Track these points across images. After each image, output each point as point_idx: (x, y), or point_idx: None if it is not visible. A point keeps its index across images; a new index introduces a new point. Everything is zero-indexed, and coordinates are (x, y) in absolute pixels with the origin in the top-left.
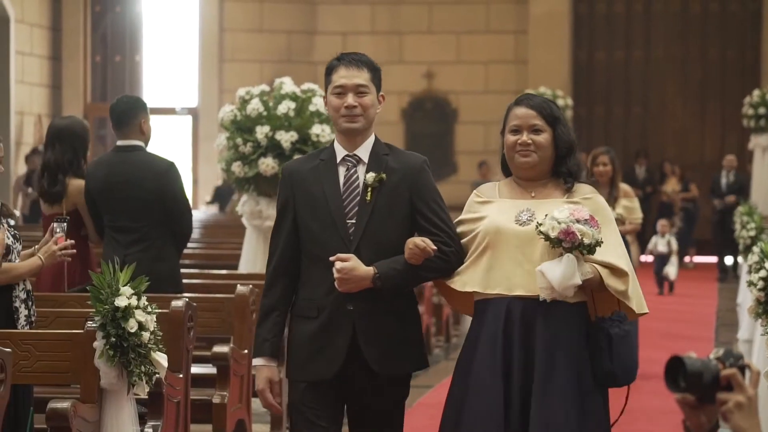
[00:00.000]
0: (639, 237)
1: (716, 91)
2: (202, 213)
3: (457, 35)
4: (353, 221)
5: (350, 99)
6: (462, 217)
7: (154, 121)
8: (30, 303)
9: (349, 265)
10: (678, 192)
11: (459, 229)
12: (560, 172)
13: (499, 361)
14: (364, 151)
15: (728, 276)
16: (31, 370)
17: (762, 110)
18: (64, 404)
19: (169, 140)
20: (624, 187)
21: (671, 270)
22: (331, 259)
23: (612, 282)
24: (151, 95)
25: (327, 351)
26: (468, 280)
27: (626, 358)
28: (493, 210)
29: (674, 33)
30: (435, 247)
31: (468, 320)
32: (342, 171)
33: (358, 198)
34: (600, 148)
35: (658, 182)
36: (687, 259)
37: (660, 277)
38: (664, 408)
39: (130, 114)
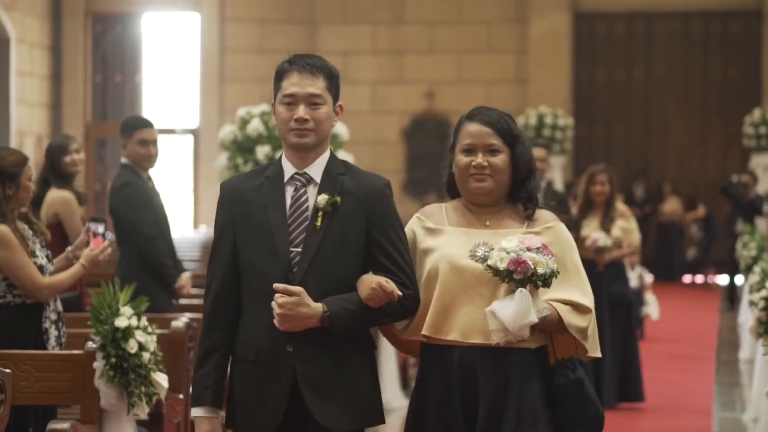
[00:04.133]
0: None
1: (717, 111)
2: (202, 234)
3: (458, 55)
4: (299, 250)
5: (301, 111)
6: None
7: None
8: (60, 324)
9: (293, 299)
10: (682, 212)
11: None
12: (519, 197)
13: (457, 419)
14: (316, 170)
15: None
16: (31, 391)
17: (763, 129)
18: (64, 425)
19: (169, 160)
20: (621, 207)
21: (652, 310)
22: (277, 287)
23: (572, 319)
24: (151, 115)
25: (268, 401)
26: (416, 324)
27: (584, 408)
28: (443, 241)
29: (675, 52)
30: (400, 293)
31: None
32: (289, 191)
33: (307, 223)
34: (597, 166)
35: (656, 202)
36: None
37: (637, 319)
38: (665, 427)
39: (127, 126)
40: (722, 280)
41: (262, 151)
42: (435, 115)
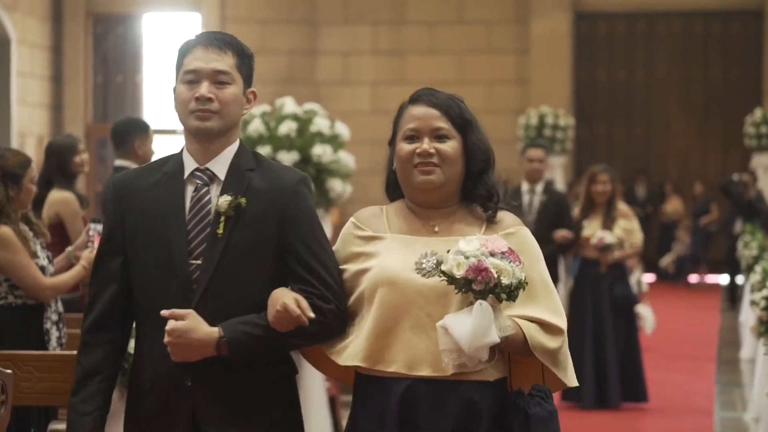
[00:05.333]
0: (642, 256)
1: (718, 111)
2: None
3: (459, 55)
4: (199, 262)
5: (204, 88)
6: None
7: (156, 142)
8: (61, 325)
9: (182, 325)
10: (682, 212)
11: None
12: (475, 194)
13: None
14: (220, 165)
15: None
16: (32, 392)
17: (764, 129)
18: (65, 426)
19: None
20: (622, 207)
21: (647, 324)
22: (164, 313)
23: (541, 340)
24: (152, 116)
25: None
26: (352, 351)
27: None
28: (383, 251)
29: (676, 53)
30: (312, 315)
31: None
32: (189, 190)
33: (208, 230)
34: (599, 166)
35: (658, 202)
36: (693, 279)
37: None
38: (667, 427)
39: (125, 136)
40: (723, 279)
41: (263, 152)
42: None
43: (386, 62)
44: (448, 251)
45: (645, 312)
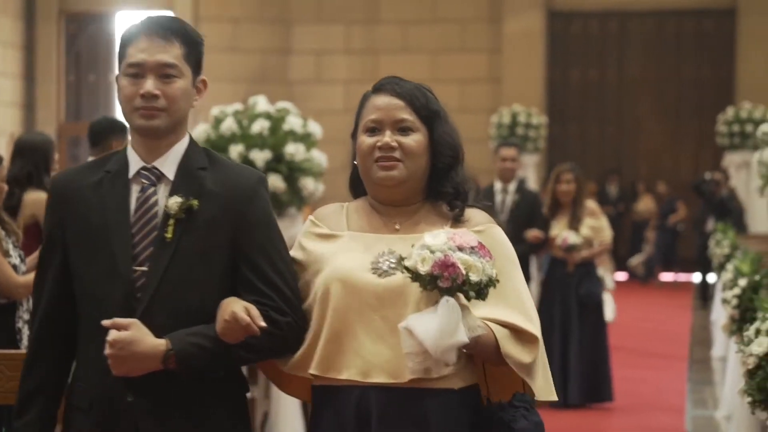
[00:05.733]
0: (613, 254)
1: (690, 110)
2: None
3: (432, 54)
4: (144, 269)
5: (149, 84)
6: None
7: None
8: None
9: (126, 336)
10: (653, 211)
11: None
12: (442, 192)
13: None
14: (169, 164)
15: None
16: (3, 390)
17: (736, 128)
18: None
19: None
20: (590, 205)
21: (608, 312)
22: (105, 323)
23: (511, 349)
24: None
25: None
26: (302, 358)
27: None
28: (338, 251)
29: (649, 52)
30: (264, 324)
31: None
32: (135, 191)
33: (155, 234)
34: (563, 165)
35: (630, 200)
36: (666, 277)
37: None
38: (638, 426)
39: (103, 135)
40: (695, 278)
41: (236, 150)
42: None
43: (359, 61)
44: (413, 245)
45: (607, 300)
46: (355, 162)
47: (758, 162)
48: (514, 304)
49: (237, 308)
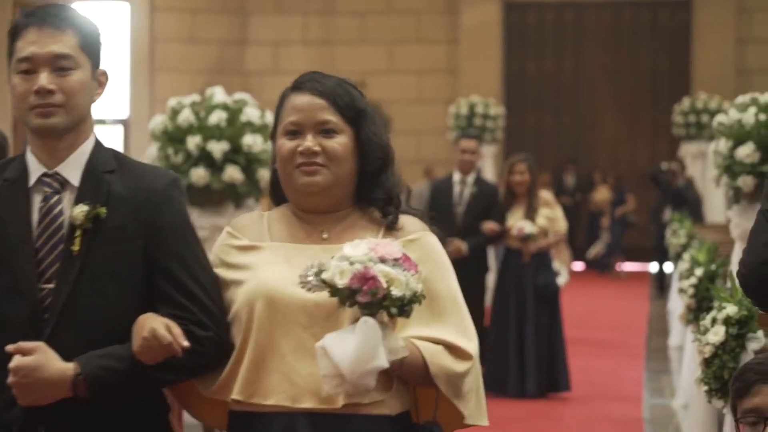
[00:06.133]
0: (570, 245)
1: (647, 100)
2: None
3: (389, 45)
4: (51, 286)
5: (43, 79)
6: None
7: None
8: None
9: (29, 361)
10: (609, 201)
11: None
12: (372, 198)
13: None
14: (73, 168)
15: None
16: None
17: (692, 118)
18: None
19: None
20: (544, 195)
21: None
22: (8, 348)
23: (442, 366)
24: None
25: None
26: (224, 381)
27: None
28: (260, 263)
29: (605, 43)
30: (186, 344)
31: None
32: (37, 200)
33: (61, 247)
34: (517, 156)
35: (587, 190)
36: (617, 267)
37: None
38: (596, 415)
39: None
40: (652, 268)
41: (193, 141)
42: None
43: (316, 52)
44: (333, 257)
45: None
46: (276, 167)
47: (714, 152)
48: (450, 319)
49: (157, 325)
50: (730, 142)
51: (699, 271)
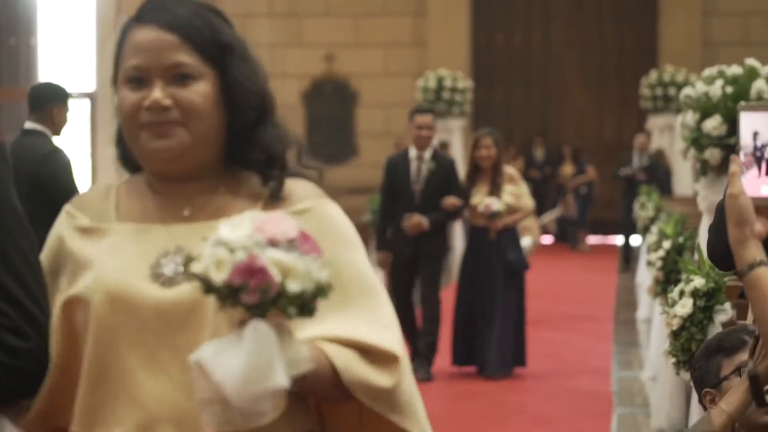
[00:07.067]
0: (537, 215)
1: (614, 73)
2: None
3: (355, 18)
4: None
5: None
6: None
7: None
8: None
9: None
10: (573, 175)
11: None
12: (247, 159)
13: None
14: None
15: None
16: None
17: (659, 91)
18: None
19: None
20: (509, 171)
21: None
22: None
23: (364, 374)
24: (47, 79)
25: None
26: (49, 406)
27: None
28: (103, 251)
29: (572, 16)
30: None
31: None
32: None
33: None
34: (482, 130)
35: (556, 164)
36: (586, 241)
37: None
38: (564, 388)
39: (42, 101)
40: (618, 240)
41: None
42: (334, 78)
43: (282, 24)
44: (205, 241)
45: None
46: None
47: (681, 125)
48: (362, 308)
49: None
50: (698, 115)
51: (667, 244)
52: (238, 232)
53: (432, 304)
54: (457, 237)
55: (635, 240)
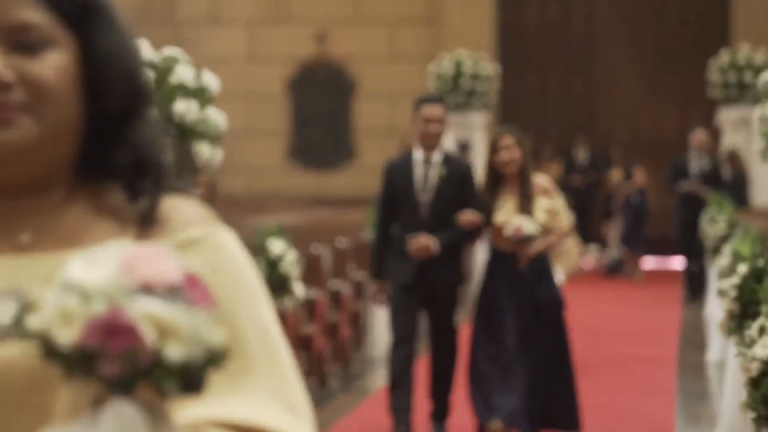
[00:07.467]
0: (582, 235)
1: (675, 56)
2: None
3: None
4: None
5: None
6: None
7: None
8: None
9: None
10: (621, 182)
11: None
12: (112, 164)
13: None
14: None
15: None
16: None
17: (732, 76)
18: None
19: None
20: (540, 181)
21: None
22: None
23: None
24: None
25: None
26: None
27: None
28: None
29: None
30: None
31: (376, 336)
32: None
33: None
34: (500, 128)
35: (602, 168)
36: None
37: None
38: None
39: None
40: (677, 264)
41: None
42: (328, 62)
43: None
44: (50, 285)
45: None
46: None
47: (759, 119)
48: (264, 379)
49: None
50: None
51: (743, 268)
52: (97, 273)
53: (445, 355)
54: (477, 263)
55: (701, 263)
